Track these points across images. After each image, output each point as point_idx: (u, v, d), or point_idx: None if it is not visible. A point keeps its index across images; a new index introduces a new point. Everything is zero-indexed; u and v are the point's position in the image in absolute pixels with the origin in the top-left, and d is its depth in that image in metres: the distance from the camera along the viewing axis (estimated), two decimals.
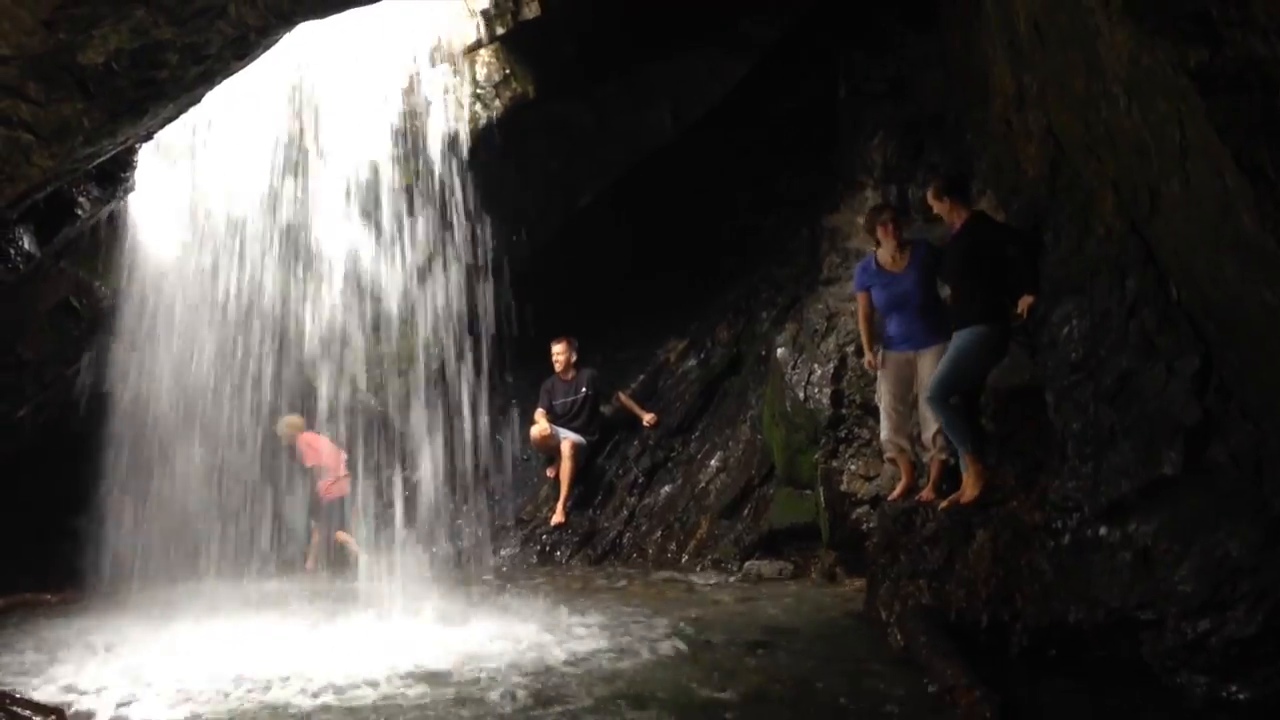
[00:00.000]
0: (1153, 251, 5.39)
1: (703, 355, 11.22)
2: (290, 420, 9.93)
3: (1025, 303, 6.60)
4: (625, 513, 10.29)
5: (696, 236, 11.74)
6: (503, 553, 10.13)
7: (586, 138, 10.89)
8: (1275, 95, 4.06)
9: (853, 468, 8.56)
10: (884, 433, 7.77)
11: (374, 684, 5.57)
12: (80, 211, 7.69)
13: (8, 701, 4.84)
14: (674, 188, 11.52)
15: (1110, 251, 5.76)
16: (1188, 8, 4.37)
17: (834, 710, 5.02)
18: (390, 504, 9.97)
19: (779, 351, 9.39)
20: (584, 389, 10.72)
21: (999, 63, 7.10)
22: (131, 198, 8.28)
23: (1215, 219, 4.49)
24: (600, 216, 11.49)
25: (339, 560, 9.89)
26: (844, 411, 8.81)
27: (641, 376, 11.38)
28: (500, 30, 9.69)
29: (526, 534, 10.31)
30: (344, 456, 10.00)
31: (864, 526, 8.25)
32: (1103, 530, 5.64)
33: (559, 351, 10.74)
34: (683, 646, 6.24)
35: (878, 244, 7.93)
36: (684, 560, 9.49)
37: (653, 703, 5.14)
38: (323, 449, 10.06)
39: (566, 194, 11.28)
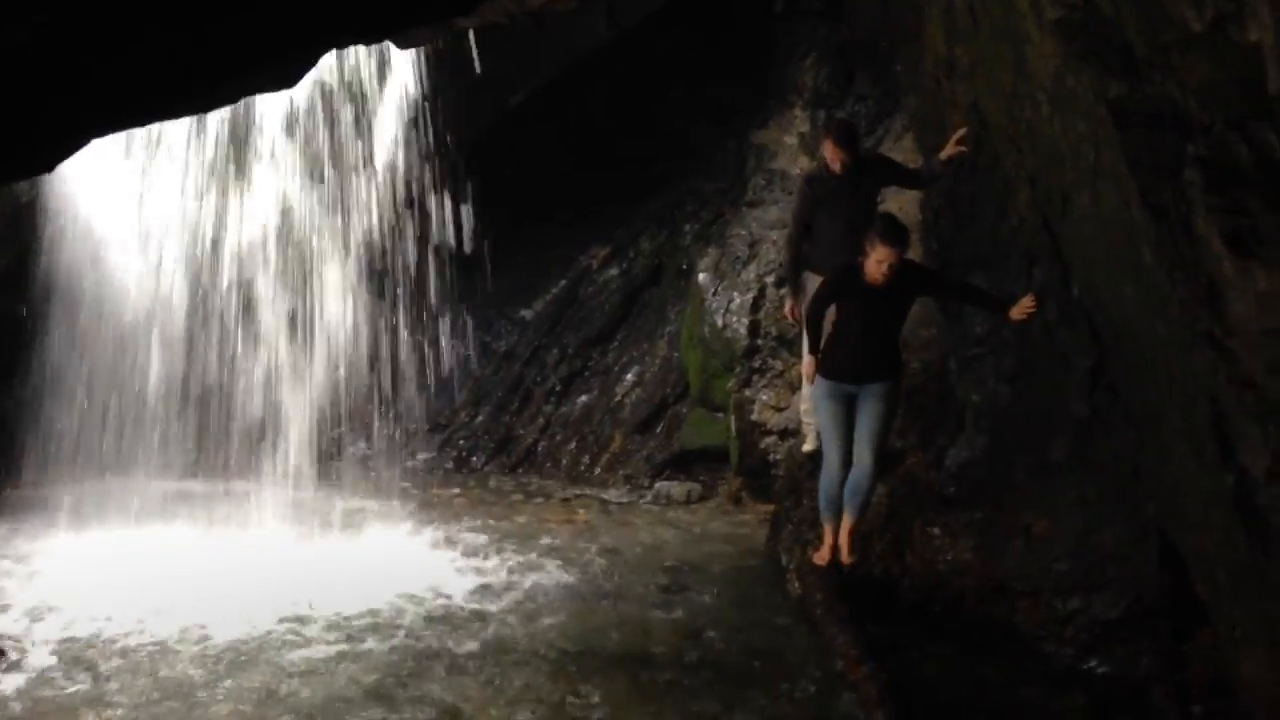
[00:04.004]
0: (1061, 249, 5.62)
1: (625, 265, 11.30)
2: None
3: (1025, 305, 5.87)
4: (541, 421, 10.51)
5: (626, 141, 11.68)
6: (419, 456, 10.33)
7: (520, 38, 10.70)
8: (1187, 140, 4.22)
9: (764, 398, 8.85)
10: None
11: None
12: None
13: None
14: (607, 89, 11.41)
15: (1022, 240, 5.99)
16: (1114, 39, 4.49)
17: (732, 675, 5.41)
18: (308, 404, 10.05)
19: (700, 277, 9.56)
20: None
21: (933, 23, 7.14)
22: None
23: (1120, 242, 4.72)
24: (531, 116, 11.37)
25: None
26: (760, 342, 9.06)
27: (563, 282, 11.43)
28: None
29: (443, 439, 10.50)
30: None
31: (771, 456, 8.60)
32: (991, 502, 6.03)
33: None
34: (588, 591, 6.60)
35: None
36: (597, 474, 9.79)
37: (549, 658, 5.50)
38: None
39: (497, 93, 11.12)
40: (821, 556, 6.30)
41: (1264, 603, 3.94)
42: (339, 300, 10.39)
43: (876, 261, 5.88)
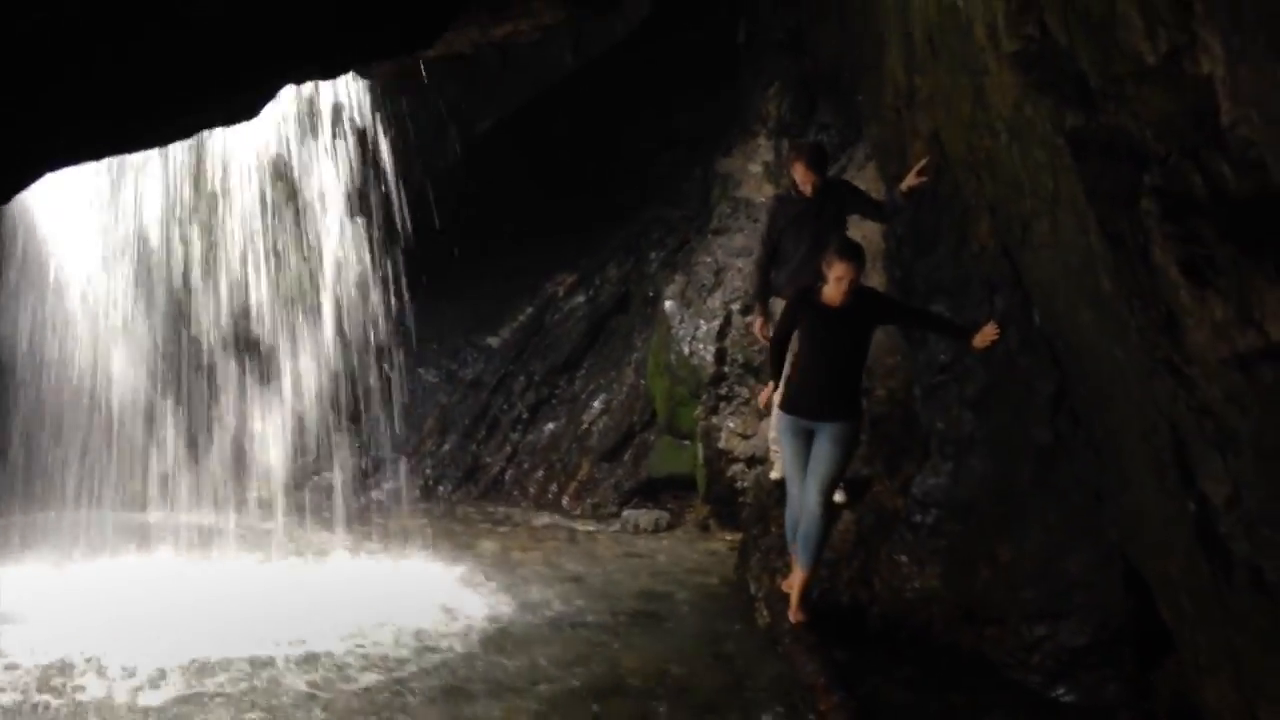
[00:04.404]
0: (1021, 276, 5.66)
1: (591, 292, 11.28)
2: None
3: (988, 333, 5.88)
4: (509, 449, 10.46)
5: (592, 169, 11.72)
6: (385, 485, 10.24)
7: (486, 67, 10.78)
8: (1143, 170, 4.27)
9: (731, 425, 8.86)
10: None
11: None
12: None
13: None
14: (572, 118, 11.47)
15: (983, 268, 6.04)
16: (1070, 71, 4.55)
17: (701, 705, 5.37)
18: (273, 434, 9.97)
19: (667, 304, 9.57)
20: None
21: (893, 53, 7.21)
22: None
23: (1078, 269, 4.77)
24: (498, 145, 11.42)
25: None
26: (726, 369, 9.07)
27: (530, 309, 11.41)
28: None
29: (409, 468, 10.42)
30: None
31: (738, 483, 8.59)
32: (957, 528, 6.04)
33: None
34: (558, 621, 6.56)
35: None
36: (564, 502, 9.74)
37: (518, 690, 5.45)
38: None
39: (464, 122, 11.18)
40: (789, 585, 6.28)
41: (1227, 630, 3.96)
42: (304, 330, 10.35)
43: (836, 279, 5.84)
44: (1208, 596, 4.04)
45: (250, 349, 9.98)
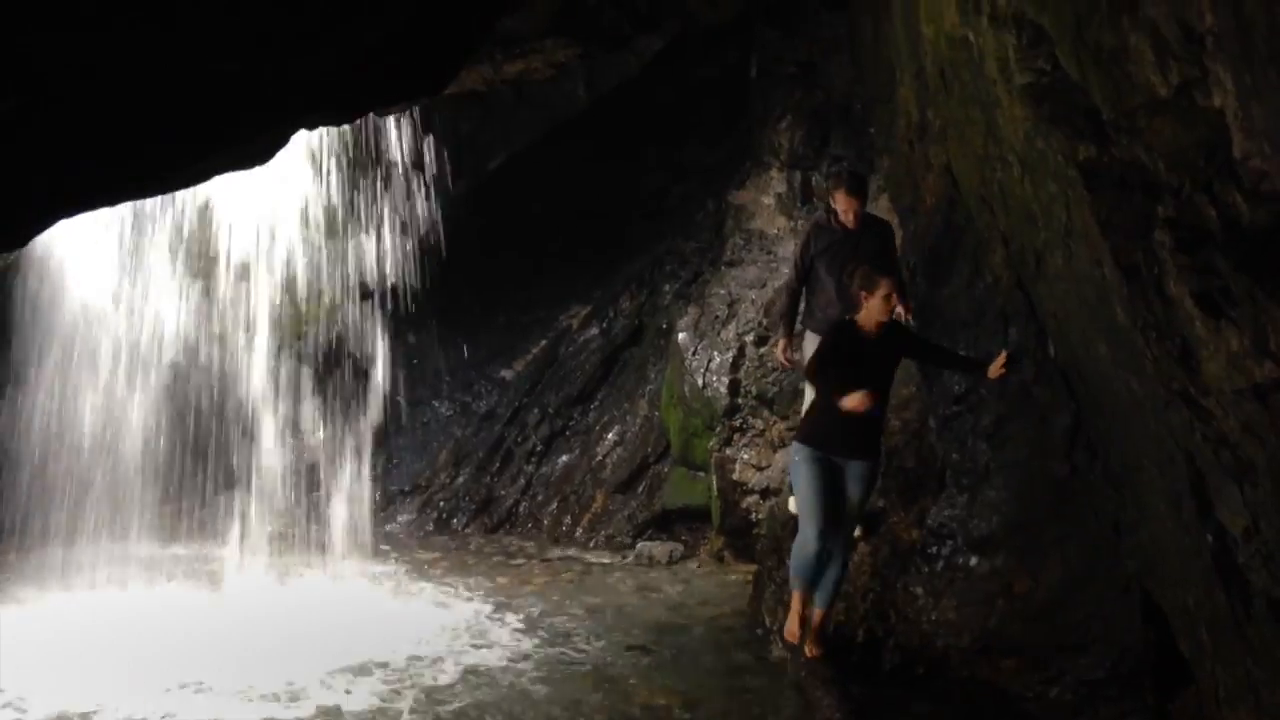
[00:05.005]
0: (1036, 308, 5.67)
1: (604, 324, 11.32)
2: None
3: (1001, 362, 5.80)
4: (523, 481, 10.47)
5: (605, 202, 11.79)
6: (399, 519, 10.26)
7: (500, 104, 10.88)
8: (1156, 201, 4.29)
9: (745, 457, 8.86)
10: None
11: None
12: None
13: None
14: (585, 152, 11.54)
15: (997, 299, 6.05)
16: (1082, 103, 4.58)
17: None
18: (286, 468, 9.99)
19: (680, 336, 9.59)
20: None
21: (906, 86, 7.27)
22: None
23: (1093, 301, 4.77)
24: (512, 178, 11.49)
25: None
26: (740, 401, 9.08)
27: (543, 342, 11.45)
28: None
29: (424, 500, 10.44)
30: None
31: (753, 515, 8.59)
32: (973, 560, 6.02)
33: None
34: (573, 655, 6.52)
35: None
36: (578, 534, 9.75)
37: None
38: None
39: (477, 156, 11.27)
40: (792, 632, 6.13)
41: (1246, 661, 3.93)
42: (315, 363, 10.40)
43: (883, 298, 5.68)
44: (1226, 628, 4.02)
45: (260, 383, 10.01)
